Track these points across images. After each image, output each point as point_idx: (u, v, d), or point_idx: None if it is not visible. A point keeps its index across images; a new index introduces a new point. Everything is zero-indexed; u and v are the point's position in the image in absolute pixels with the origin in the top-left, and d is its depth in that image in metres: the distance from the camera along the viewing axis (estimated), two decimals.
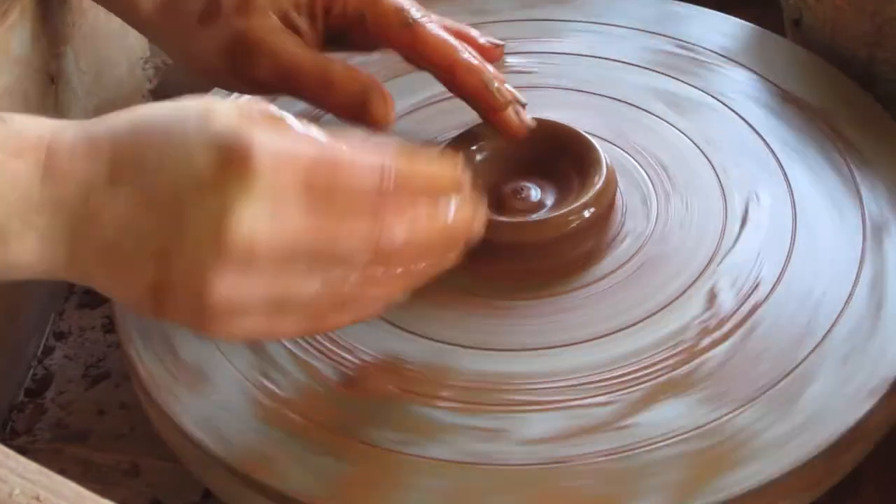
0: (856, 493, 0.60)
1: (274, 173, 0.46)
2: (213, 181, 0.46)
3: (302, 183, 0.47)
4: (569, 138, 0.65)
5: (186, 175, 0.47)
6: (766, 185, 0.65)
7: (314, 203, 0.47)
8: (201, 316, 0.48)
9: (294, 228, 0.47)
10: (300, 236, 0.47)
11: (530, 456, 0.53)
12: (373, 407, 0.56)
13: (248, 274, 0.47)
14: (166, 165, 0.47)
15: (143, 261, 0.48)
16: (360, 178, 0.48)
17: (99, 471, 0.67)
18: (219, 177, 0.46)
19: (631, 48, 0.75)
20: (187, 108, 0.49)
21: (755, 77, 0.72)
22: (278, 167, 0.46)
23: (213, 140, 0.46)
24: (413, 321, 0.59)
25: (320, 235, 0.47)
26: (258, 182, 0.46)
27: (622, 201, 0.65)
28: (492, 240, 0.58)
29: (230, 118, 0.47)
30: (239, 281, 0.47)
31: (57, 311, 0.77)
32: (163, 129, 0.49)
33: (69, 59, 0.78)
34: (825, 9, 0.73)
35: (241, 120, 0.47)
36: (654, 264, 0.61)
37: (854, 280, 0.59)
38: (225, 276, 0.47)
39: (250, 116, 0.48)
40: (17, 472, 0.42)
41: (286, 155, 0.46)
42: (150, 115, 0.50)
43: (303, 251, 0.47)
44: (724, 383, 0.55)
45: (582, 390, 0.56)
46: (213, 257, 0.46)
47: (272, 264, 0.47)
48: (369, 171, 0.48)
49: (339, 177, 0.47)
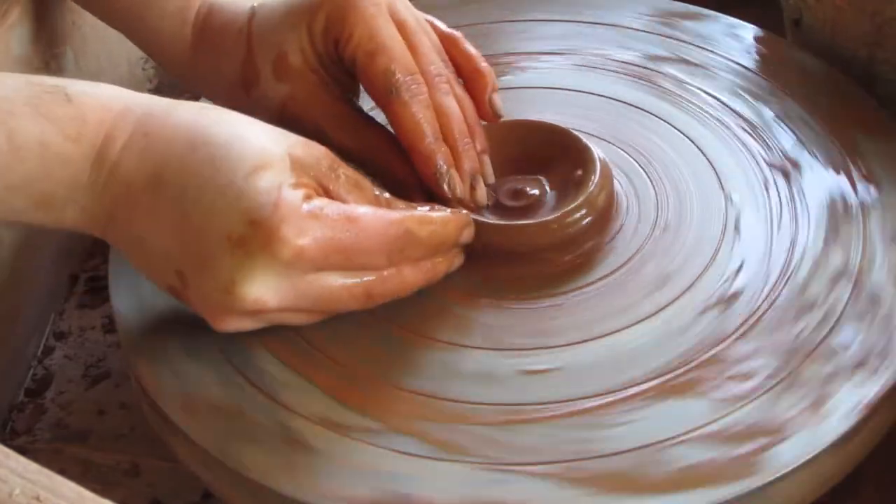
0: (856, 492, 0.60)
1: (295, 254, 0.52)
2: (239, 241, 0.52)
3: (318, 260, 0.53)
4: (562, 138, 0.65)
5: (218, 222, 0.52)
6: (765, 185, 0.65)
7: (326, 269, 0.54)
8: (212, 323, 0.55)
9: (297, 291, 0.54)
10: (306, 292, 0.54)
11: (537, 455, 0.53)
12: (373, 410, 0.56)
13: (256, 319, 0.55)
14: (203, 203, 0.53)
15: (164, 270, 0.55)
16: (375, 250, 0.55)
17: (99, 471, 0.67)
18: (245, 239, 0.52)
19: (630, 48, 0.75)
20: (245, 147, 0.54)
21: (755, 77, 0.72)
22: (300, 252, 0.52)
23: (251, 204, 0.52)
24: (413, 322, 0.59)
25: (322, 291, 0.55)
26: (276, 259, 0.52)
27: (621, 201, 0.65)
28: (489, 244, 0.59)
29: (274, 184, 0.53)
30: (246, 321, 0.55)
31: (57, 311, 0.77)
32: (213, 164, 0.53)
33: (69, 59, 0.78)
34: (825, 9, 0.73)
35: (283, 190, 0.53)
36: (655, 264, 0.61)
37: (856, 278, 0.59)
38: (231, 317, 0.54)
39: (297, 183, 0.54)
40: (17, 472, 0.42)
41: (310, 239, 0.53)
42: (210, 135, 0.54)
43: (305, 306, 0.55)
44: (730, 380, 0.55)
45: (587, 389, 0.56)
46: (223, 304, 0.53)
47: (279, 312, 0.55)
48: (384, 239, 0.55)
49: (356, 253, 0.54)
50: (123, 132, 0.54)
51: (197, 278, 0.54)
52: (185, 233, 0.53)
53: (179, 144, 0.54)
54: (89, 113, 0.54)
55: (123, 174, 0.54)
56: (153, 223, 0.54)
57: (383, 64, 0.60)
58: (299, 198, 0.53)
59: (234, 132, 0.55)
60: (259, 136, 0.55)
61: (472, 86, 0.64)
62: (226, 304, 0.53)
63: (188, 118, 0.55)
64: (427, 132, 0.60)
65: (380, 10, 0.61)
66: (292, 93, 0.62)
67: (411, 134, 0.60)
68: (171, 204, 0.53)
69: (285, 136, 0.56)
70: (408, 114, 0.60)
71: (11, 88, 0.54)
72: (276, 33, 0.62)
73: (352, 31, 0.60)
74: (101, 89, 0.56)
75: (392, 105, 0.60)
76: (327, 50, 0.62)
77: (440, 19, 0.66)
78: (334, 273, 0.55)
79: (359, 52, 0.60)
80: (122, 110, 0.55)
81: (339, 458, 0.53)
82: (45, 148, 0.52)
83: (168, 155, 0.54)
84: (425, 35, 0.62)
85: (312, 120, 0.62)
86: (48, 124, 0.53)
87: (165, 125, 0.54)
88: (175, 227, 0.53)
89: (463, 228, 0.59)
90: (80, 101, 0.54)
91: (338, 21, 0.61)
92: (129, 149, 0.54)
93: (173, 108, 0.56)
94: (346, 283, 0.55)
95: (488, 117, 0.64)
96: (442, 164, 0.60)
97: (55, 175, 0.53)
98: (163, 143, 0.54)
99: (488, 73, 0.64)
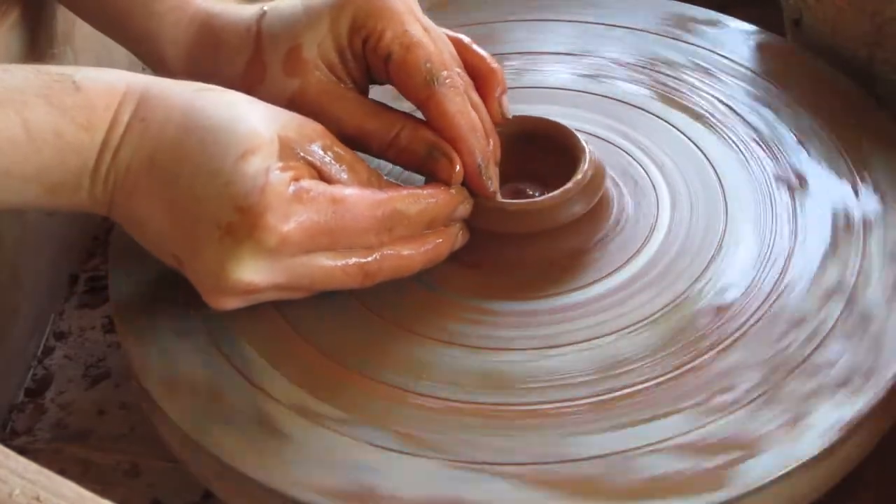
0: (854, 494, 0.60)
1: (279, 240, 0.54)
2: (228, 228, 0.54)
3: (305, 243, 0.55)
4: (546, 129, 0.65)
5: (208, 209, 0.54)
6: (765, 185, 0.65)
7: (315, 250, 0.55)
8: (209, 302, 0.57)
9: (291, 272, 0.55)
10: (300, 272, 0.56)
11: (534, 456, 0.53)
12: (376, 408, 0.56)
13: (248, 298, 0.56)
14: (194, 189, 0.54)
15: (163, 251, 0.57)
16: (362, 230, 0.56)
17: (99, 471, 0.67)
18: (232, 226, 0.53)
19: (630, 48, 0.75)
20: (235, 131, 0.55)
21: (755, 77, 0.72)
22: (285, 237, 0.54)
23: (238, 190, 0.54)
24: (398, 314, 0.60)
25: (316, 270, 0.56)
26: (262, 245, 0.53)
27: (621, 201, 0.65)
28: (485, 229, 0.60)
29: (261, 168, 0.54)
30: (238, 300, 0.56)
31: (57, 311, 0.77)
32: (203, 149, 0.55)
33: (69, 59, 0.78)
34: (825, 9, 0.73)
35: (270, 174, 0.54)
36: (655, 264, 0.61)
37: (855, 277, 0.59)
38: (226, 298, 0.56)
39: (285, 166, 0.55)
40: (17, 473, 0.42)
41: (294, 223, 0.54)
42: (202, 119, 0.55)
43: (301, 284, 0.57)
44: (728, 382, 0.55)
45: (585, 390, 0.56)
46: (216, 286, 0.55)
47: (277, 291, 0.57)
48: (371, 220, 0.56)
49: (342, 234, 0.55)
50: (125, 115, 0.55)
51: (191, 262, 0.56)
52: (177, 218, 0.55)
53: (173, 129, 0.55)
54: (96, 99, 0.55)
55: (122, 158, 0.55)
56: (149, 207, 0.55)
57: (423, 56, 0.60)
58: (286, 181, 0.54)
59: (227, 115, 0.55)
60: (250, 118, 0.56)
61: (482, 84, 0.63)
62: (219, 287, 0.55)
63: (183, 101, 0.56)
64: (474, 123, 0.60)
65: (409, 9, 0.61)
66: (302, 87, 0.62)
67: (457, 123, 0.60)
68: (165, 189, 0.55)
69: (279, 116, 0.57)
70: (453, 103, 0.60)
71: (21, 79, 0.54)
72: (290, 29, 0.62)
73: (385, 27, 0.60)
74: (105, 74, 0.57)
75: (435, 95, 0.60)
76: (352, 46, 0.62)
77: (449, 17, 0.66)
78: (326, 253, 0.56)
79: (395, 45, 0.60)
80: (126, 92, 0.56)
81: (309, 446, 0.54)
82: (59, 137, 0.54)
83: (162, 139, 0.55)
84: (443, 41, 0.62)
85: (325, 111, 0.62)
86: (60, 114, 0.54)
87: (161, 108, 0.55)
88: (168, 213, 0.55)
89: (457, 205, 0.60)
90: (87, 88, 0.55)
91: (368, 17, 0.61)
92: (129, 133, 0.55)
93: (170, 90, 0.57)
94: (339, 263, 0.56)
95: (496, 118, 0.64)
96: (481, 157, 0.61)
97: (69, 164, 0.54)
98: (157, 128, 0.55)
99: (499, 73, 0.64)
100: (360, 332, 0.59)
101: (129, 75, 0.57)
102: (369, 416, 0.55)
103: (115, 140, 0.55)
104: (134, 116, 0.55)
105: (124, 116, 0.55)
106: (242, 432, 0.55)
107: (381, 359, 0.58)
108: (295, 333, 0.59)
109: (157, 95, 0.56)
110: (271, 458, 0.54)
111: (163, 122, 0.55)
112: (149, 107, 0.55)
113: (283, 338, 0.59)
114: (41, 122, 0.53)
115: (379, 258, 0.57)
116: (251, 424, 0.56)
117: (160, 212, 0.55)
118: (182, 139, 0.55)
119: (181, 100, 0.56)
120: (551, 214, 0.61)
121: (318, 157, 0.57)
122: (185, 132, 0.55)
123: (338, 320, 0.60)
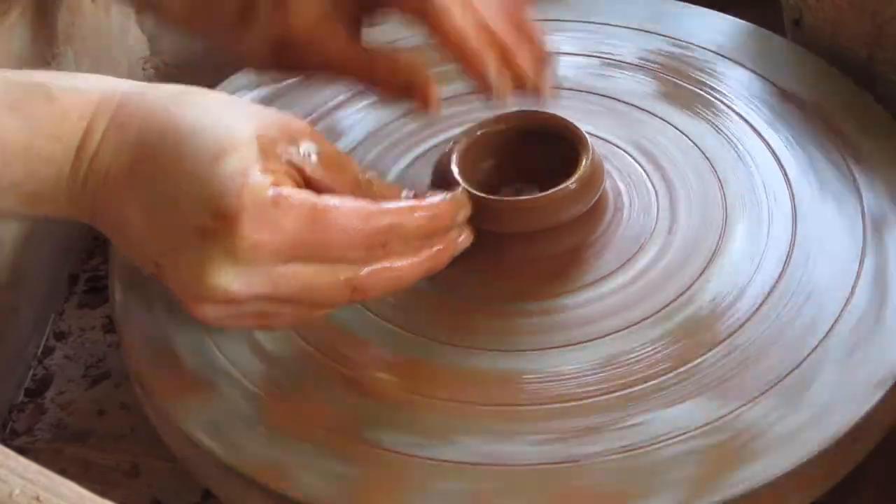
0: (856, 492, 0.60)
1: (251, 248, 0.51)
2: (204, 232, 0.51)
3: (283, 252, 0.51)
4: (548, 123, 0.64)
5: (185, 213, 0.52)
6: (765, 184, 0.65)
7: (292, 260, 0.52)
8: (190, 312, 0.53)
9: (270, 282, 0.52)
10: (279, 283, 0.52)
11: (543, 456, 0.53)
12: (381, 410, 0.56)
13: (230, 309, 0.53)
14: (171, 194, 0.52)
15: (143, 256, 0.54)
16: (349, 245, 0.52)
17: (99, 471, 0.67)
18: (207, 230, 0.51)
19: (630, 47, 0.75)
20: (211, 133, 0.53)
21: (755, 76, 0.72)
22: (256, 245, 0.51)
23: (214, 192, 0.51)
24: (416, 322, 0.60)
25: (297, 282, 0.52)
26: (235, 252, 0.51)
27: (621, 200, 0.65)
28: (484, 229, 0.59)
29: (238, 169, 0.51)
30: (219, 309, 0.53)
31: (57, 311, 0.77)
32: (179, 152, 0.53)
33: (69, 59, 0.78)
34: (825, 9, 0.73)
35: (249, 176, 0.51)
36: (655, 262, 0.61)
37: (856, 275, 0.59)
38: (206, 306, 0.53)
39: (264, 168, 0.52)
40: (17, 473, 0.42)
41: (268, 233, 0.51)
42: (179, 123, 0.53)
43: (283, 296, 0.53)
44: (731, 380, 0.55)
45: (589, 389, 0.56)
46: (196, 293, 0.52)
47: (260, 301, 0.53)
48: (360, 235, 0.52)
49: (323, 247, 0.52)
50: (101, 123, 0.54)
51: (170, 267, 0.53)
52: (157, 223, 0.53)
53: (150, 134, 0.53)
54: (70, 109, 0.54)
55: (100, 165, 0.53)
56: (129, 212, 0.53)
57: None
58: (265, 185, 0.51)
59: (205, 116, 0.53)
60: (228, 119, 0.53)
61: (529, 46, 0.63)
62: (198, 294, 0.52)
63: (161, 105, 0.54)
64: (472, 32, 0.59)
65: None
66: (292, 23, 0.61)
67: (455, 34, 0.59)
68: (145, 193, 0.53)
69: (260, 115, 0.55)
70: (451, 13, 0.59)
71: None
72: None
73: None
74: (81, 82, 0.55)
75: (432, 8, 0.59)
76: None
77: None
78: (310, 265, 0.52)
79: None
80: (101, 100, 0.54)
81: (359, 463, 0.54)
82: (28, 150, 0.53)
83: (141, 144, 0.53)
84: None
85: (315, 47, 0.62)
86: (30, 125, 0.53)
87: (140, 113, 0.54)
88: (148, 218, 0.53)
89: (458, 211, 0.57)
90: (62, 98, 0.54)
91: None
92: (106, 140, 0.54)
93: (148, 95, 0.55)
94: (323, 276, 0.53)
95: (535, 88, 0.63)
96: (490, 65, 0.59)
97: (40, 174, 0.53)
98: (135, 133, 0.53)
99: None
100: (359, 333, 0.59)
101: (107, 82, 0.56)
102: (369, 415, 0.55)
103: (92, 147, 0.53)
104: (111, 123, 0.54)
105: (100, 124, 0.54)
106: (243, 432, 0.55)
107: None
108: (295, 334, 0.59)
109: (136, 101, 0.54)
110: (272, 459, 0.54)
111: (141, 126, 0.53)
112: (127, 112, 0.54)
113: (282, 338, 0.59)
114: (10, 135, 0.52)
115: (369, 273, 0.53)
116: (251, 424, 0.56)
117: (140, 217, 0.53)
118: (160, 143, 0.53)
119: (161, 104, 0.54)
120: (554, 211, 0.61)
121: (301, 159, 0.54)
122: (164, 136, 0.53)
123: (336, 320, 0.59)
